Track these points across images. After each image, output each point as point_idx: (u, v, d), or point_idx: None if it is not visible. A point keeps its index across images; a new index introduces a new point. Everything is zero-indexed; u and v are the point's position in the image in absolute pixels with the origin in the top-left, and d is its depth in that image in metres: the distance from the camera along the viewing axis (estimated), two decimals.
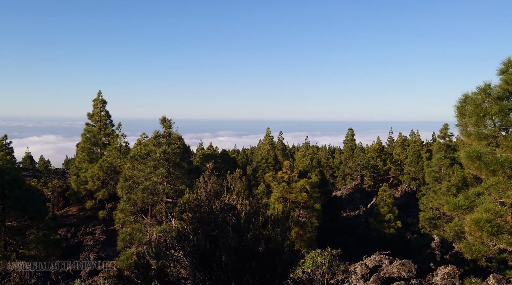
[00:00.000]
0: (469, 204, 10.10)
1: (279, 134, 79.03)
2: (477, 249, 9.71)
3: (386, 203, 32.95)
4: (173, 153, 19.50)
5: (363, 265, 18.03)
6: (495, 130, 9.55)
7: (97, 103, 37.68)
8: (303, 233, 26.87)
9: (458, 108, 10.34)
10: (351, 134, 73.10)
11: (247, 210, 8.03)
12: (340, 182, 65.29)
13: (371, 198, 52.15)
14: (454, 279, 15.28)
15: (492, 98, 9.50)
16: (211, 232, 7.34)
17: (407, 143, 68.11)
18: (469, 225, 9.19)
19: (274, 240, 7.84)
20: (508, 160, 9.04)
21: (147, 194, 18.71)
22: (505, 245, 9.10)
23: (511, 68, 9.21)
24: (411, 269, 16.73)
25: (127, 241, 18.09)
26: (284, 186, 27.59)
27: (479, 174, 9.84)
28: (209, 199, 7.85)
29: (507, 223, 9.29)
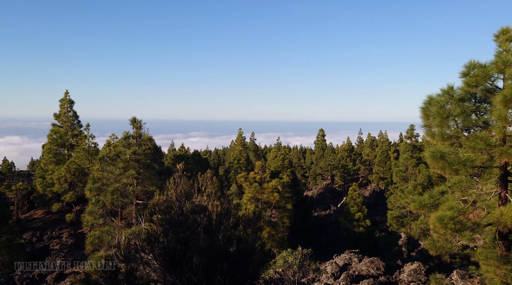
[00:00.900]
0: (434, 202, 10.42)
1: (251, 135, 79.19)
2: (441, 246, 10.04)
3: (356, 202, 33.60)
4: (143, 154, 19.19)
5: (334, 264, 18.34)
6: (458, 131, 9.91)
7: (64, 104, 36.60)
8: (275, 233, 27.02)
9: (423, 110, 10.66)
10: (322, 135, 74.10)
11: (218, 210, 8.02)
12: (311, 182, 66.07)
13: (342, 197, 53.05)
14: (420, 275, 15.76)
15: (454, 100, 9.84)
16: (182, 233, 7.28)
17: (376, 143, 69.70)
18: (433, 222, 9.48)
19: (245, 241, 7.86)
20: (469, 159, 9.39)
21: (117, 196, 18.33)
22: (467, 241, 9.45)
23: (472, 71, 9.58)
24: (379, 267, 17.14)
25: (96, 245, 17.65)
26: (256, 186, 27.67)
27: (443, 173, 10.17)
28: (179, 200, 7.79)
29: (469, 220, 9.65)
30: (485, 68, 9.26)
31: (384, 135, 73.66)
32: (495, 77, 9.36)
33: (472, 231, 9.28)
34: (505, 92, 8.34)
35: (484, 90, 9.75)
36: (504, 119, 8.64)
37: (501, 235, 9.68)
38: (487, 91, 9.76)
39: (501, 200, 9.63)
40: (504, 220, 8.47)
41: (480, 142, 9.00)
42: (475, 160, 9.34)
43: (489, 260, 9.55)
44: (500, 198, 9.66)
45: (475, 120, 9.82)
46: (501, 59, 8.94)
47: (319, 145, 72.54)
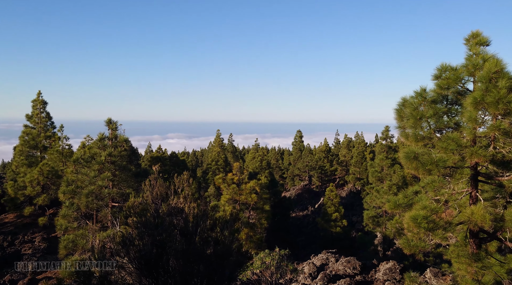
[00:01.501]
0: (408, 202, 10.63)
1: (229, 136, 79.02)
2: (415, 245, 10.25)
3: (333, 202, 33.97)
4: (119, 156, 18.89)
5: (311, 264, 18.47)
6: (431, 132, 10.14)
7: (36, 104, 35.62)
8: (253, 234, 27.02)
9: (397, 111, 10.86)
10: (299, 136, 74.61)
11: (195, 212, 7.96)
12: (289, 183, 66.42)
13: (319, 198, 53.54)
14: (395, 273, 16.05)
15: (427, 102, 10.07)
16: (158, 236, 7.19)
17: (352, 144, 70.68)
18: (407, 222, 9.66)
19: (222, 242, 7.83)
20: (442, 159, 9.62)
21: (92, 199, 17.96)
22: (440, 240, 9.68)
23: (444, 74, 9.82)
24: (355, 266, 17.35)
25: (70, 248, 17.25)
26: (234, 187, 27.61)
27: (416, 173, 10.38)
28: (155, 202, 7.69)
29: (441, 219, 9.87)
30: (456, 71, 9.51)
31: (360, 136, 74.80)
32: (466, 79, 9.63)
33: (445, 230, 9.50)
34: (475, 95, 8.59)
35: (455, 93, 10.02)
36: (474, 121, 8.90)
37: (472, 233, 9.95)
38: (458, 94, 10.03)
39: (472, 199, 9.90)
40: (475, 219, 8.71)
41: (451, 143, 9.23)
42: (447, 160, 9.58)
43: (460, 258, 9.80)
44: (471, 197, 9.93)
45: (447, 122, 10.08)
46: (471, 63, 9.20)
47: (296, 146, 73.02)
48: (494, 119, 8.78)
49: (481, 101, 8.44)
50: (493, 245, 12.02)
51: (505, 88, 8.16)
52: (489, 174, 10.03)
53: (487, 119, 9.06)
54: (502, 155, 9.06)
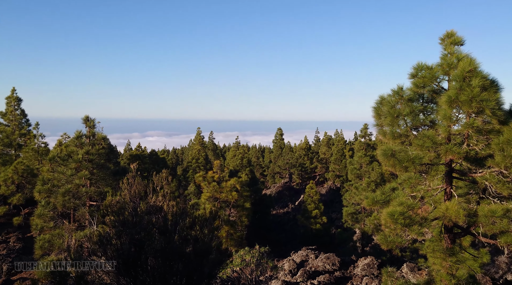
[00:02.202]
0: (385, 199, 10.81)
1: (210, 134, 78.70)
2: (392, 240, 10.44)
3: (313, 199, 34.26)
4: (97, 154, 18.58)
5: (291, 261, 18.60)
6: (407, 130, 10.32)
7: (10, 101, 34.71)
8: (234, 232, 27.01)
9: (375, 109, 11.00)
10: (280, 134, 74.89)
11: (174, 211, 7.90)
12: (270, 181, 66.64)
13: (299, 195, 53.92)
14: (373, 269, 16.31)
15: (404, 100, 10.25)
16: (136, 235, 7.12)
17: (332, 142, 71.38)
18: (385, 218, 9.82)
19: (201, 241, 7.80)
20: (418, 157, 9.81)
21: (69, 198, 17.62)
22: (416, 235, 9.88)
23: (420, 73, 10.00)
24: (335, 262, 17.56)
25: (46, 249, 16.89)
26: (215, 185, 27.53)
27: (393, 170, 10.56)
28: (134, 201, 7.60)
29: (417, 215, 10.08)
30: (432, 70, 9.70)
31: (340, 134, 75.62)
32: (441, 78, 9.83)
33: (420, 225, 9.69)
34: (449, 93, 8.78)
35: (431, 91, 10.22)
36: (449, 119, 9.10)
37: (447, 228, 10.20)
38: (433, 92, 10.24)
39: (447, 195, 10.14)
40: (449, 214, 8.92)
41: (427, 140, 9.41)
42: (423, 158, 9.77)
43: (435, 252, 10.02)
44: (446, 193, 10.16)
45: (423, 120, 10.27)
46: (446, 62, 9.40)
47: (277, 144, 73.30)
48: (468, 117, 9.01)
49: (455, 100, 8.64)
50: (467, 240, 12.36)
51: (478, 87, 8.37)
52: (463, 170, 10.28)
53: (461, 117, 9.28)
54: (475, 152, 9.31)
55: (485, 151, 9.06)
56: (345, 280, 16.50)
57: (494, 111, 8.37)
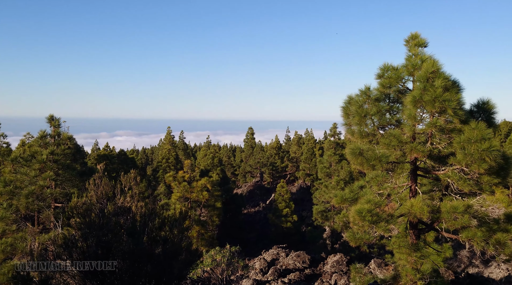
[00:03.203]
0: (354, 197, 11.02)
1: (180, 133, 77.81)
2: (360, 237, 10.66)
3: (284, 198, 34.52)
4: (62, 154, 18.02)
5: (262, 260, 18.68)
6: (375, 129, 10.57)
7: None
8: (205, 232, 26.87)
9: (343, 109, 11.20)
10: (251, 133, 74.99)
11: (143, 212, 7.78)
12: (241, 180, 66.65)
13: (270, 194, 54.20)
14: (342, 265, 16.61)
15: (371, 100, 10.48)
16: (103, 237, 6.96)
17: (302, 141, 72.11)
18: (353, 215, 10.01)
19: (171, 241, 7.72)
20: (385, 155, 10.06)
21: (32, 200, 16.99)
22: (383, 232, 10.13)
23: (386, 73, 10.26)
24: (305, 260, 17.77)
25: (8, 252, 16.21)
26: (185, 185, 27.30)
27: (361, 168, 10.79)
28: (101, 202, 7.43)
29: (384, 212, 10.33)
30: (397, 71, 9.97)
31: (310, 133, 76.49)
32: (406, 79, 10.12)
33: (387, 222, 9.93)
34: (414, 93, 9.05)
35: (397, 91, 10.50)
36: (414, 118, 9.38)
37: (412, 224, 10.51)
38: (399, 92, 10.52)
39: (412, 192, 10.45)
40: (414, 211, 9.19)
41: (393, 139, 9.66)
42: (389, 156, 10.03)
43: (401, 248, 10.31)
44: (411, 191, 10.47)
45: (389, 119, 10.54)
46: (411, 63, 9.69)
47: (248, 143, 73.37)
48: (431, 117, 9.31)
49: (420, 100, 8.91)
50: (431, 235, 12.79)
51: (441, 88, 8.67)
52: (427, 168, 10.62)
53: (425, 117, 9.58)
54: (438, 150, 9.64)
55: (447, 149, 9.40)
56: (315, 277, 16.73)
57: (456, 111, 8.69)
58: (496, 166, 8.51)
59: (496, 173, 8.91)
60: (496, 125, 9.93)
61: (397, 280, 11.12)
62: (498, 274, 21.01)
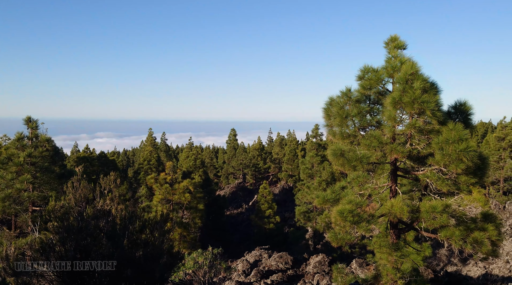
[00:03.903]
0: (335, 197, 11.11)
1: (162, 135, 77.12)
2: (342, 238, 10.74)
3: (266, 199, 34.56)
4: (40, 156, 17.64)
5: (245, 261, 18.64)
6: (356, 130, 10.68)
7: None
8: (187, 234, 26.68)
9: (325, 110, 11.28)
10: (233, 135, 74.91)
11: (123, 214, 7.66)
12: (224, 181, 66.46)
13: (253, 195, 54.20)
14: (324, 266, 16.72)
15: (352, 101, 10.60)
16: (82, 240, 6.83)
17: (285, 142, 72.41)
18: (335, 216, 10.09)
19: (152, 244, 7.62)
20: (365, 156, 10.18)
21: (9, 203, 16.58)
22: (364, 232, 10.23)
23: (366, 75, 10.38)
24: (287, 261, 17.81)
25: None
26: (167, 187, 27.05)
27: (343, 169, 10.88)
28: (79, 205, 7.28)
29: (365, 213, 10.45)
30: (377, 73, 10.10)
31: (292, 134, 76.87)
32: (386, 81, 10.26)
33: (368, 222, 10.04)
34: (393, 95, 9.18)
35: (377, 93, 10.63)
36: (393, 119, 9.52)
37: (392, 224, 10.66)
38: (379, 94, 10.66)
39: (392, 192, 10.59)
40: (394, 211, 9.32)
41: (374, 140, 9.78)
42: (370, 157, 10.15)
43: (382, 248, 10.44)
44: (391, 191, 10.62)
45: (370, 120, 10.67)
46: (390, 65, 9.83)
47: (231, 144, 73.27)
48: (411, 118, 9.46)
49: (399, 101, 9.05)
50: (411, 235, 12.98)
51: (420, 89, 8.82)
52: (407, 168, 10.79)
53: (405, 118, 9.73)
54: (417, 151, 9.80)
55: (426, 150, 9.56)
56: (298, 278, 16.80)
57: (434, 112, 8.85)
58: (473, 166, 8.70)
59: (473, 173, 9.11)
60: (473, 126, 10.17)
61: (378, 279, 11.25)
62: (476, 272, 21.50)
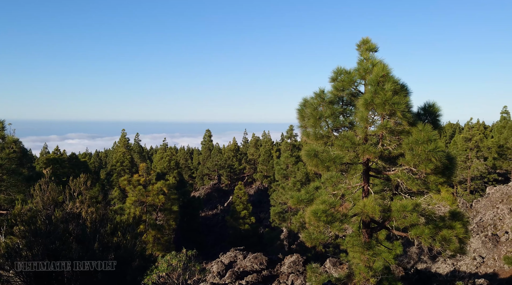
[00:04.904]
0: (309, 197, 11.19)
1: (135, 136, 75.88)
2: (316, 237, 10.84)
3: (241, 200, 34.53)
4: (7, 158, 17.07)
5: (219, 262, 18.55)
6: (329, 131, 10.80)
7: None
8: (161, 236, 26.33)
9: (299, 111, 11.35)
10: (208, 136, 74.52)
11: (94, 217, 7.48)
12: (199, 183, 65.99)
13: (228, 196, 54.05)
14: (298, 266, 16.83)
15: (325, 102, 10.71)
16: (50, 245, 6.62)
17: (260, 143, 72.58)
18: (309, 216, 10.17)
19: (124, 247, 7.47)
20: (339, 156, 10.30)
21: None
22: (338, 231, 10.35)
23: (339, 77, 10.51)
24: (262, 262, 17.84)
25: None
26: (141, 189, 26.63)
27: (317, 169, 10.98)
28: (47, 208, 7.06)
29: (339, 212, 10.58)
30: (350, 75, 10.25)
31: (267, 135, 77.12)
32: (358, 82, 10.42)
33: (341, 222, 10.17)
34: (365, 96, 9.34)
35: (350, 94, 10.79)
36: (365, 121, 9.68)
37: (365, 223, 10.83)
38: (352, 95, 10.82)
39: (364, 192, 10.76)
40: (367, 210, 9.48)
41: (347, 141, 9.92)
42: (343, 157, 10.28)
43: (355, 247, 10.59)
44: (364, 191, 10.79)
45: (343, 121, 10.81)
46: (362, 67, 10.00)
47: (206, 145, 72.86)
48: (382, 119, 9.65)
49: (371, 103, 9.21)
50: (383, 234, 13.24)
51: (391, 91, 9.01)
52: (379, 169, 10.99)
53: (377, 119, 9.92)
54: (389, 151, 10.00)
55: (397, 150, 9.77)
56: (272, 278, 16.84)
57: (404, 113, 9.06)
58: (442, 165, 8.95)
59: (441, 172, 9.36)
60: (441, 127, 10.46)
61: (351, 278, 11.41)
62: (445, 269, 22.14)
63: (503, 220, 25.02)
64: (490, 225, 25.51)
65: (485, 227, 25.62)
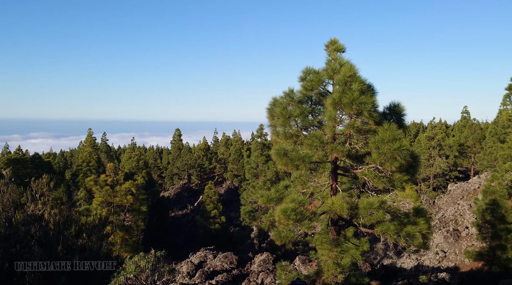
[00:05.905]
0: (279, 196, 11.27)
1: (103, 135, 74.03)
2: (286, 236, 10.94)
3: (212, 200, 34.37)
4: None
5: (189, 263, 18.40)
6: (298, 130, 10.90)
7: None
8: (129, 237, 25.82)
9: (269, 110, 11.40)
10: (178, 135, 73.67)
11: (58, 219, 7.24)
12: (168, 182, 65.16)
13: (198, 196, 53.67)
14: (268, 264, 16.92)
15: (295, 102, 10.81)
16: (11, 248, 6.35)
17: (230, 142, 72.42)
18: (278, 214, 10.24)
19: (89, 249, 7.27)
20: (308, 155, 10.43)
21: None
22: (307, 229, 10.47)
23: (308, 77, 10.64)
24: (232, 261, 17.82)
25: None
26: (108, 189, 26.00)
27: (286, 168, 11.07)
28: (7, 210, 6.78)
29: (308, 211, 10.70)
30: (319, 74, 10.38)
31: (237, 134, 77.04)
32: (326, 82, 10.58)
33: (310, 220, 10.29)
34: (334, 96, 9.49)
35: (318, 94, 10.93)
36: (334, 120, 9.84)
37: (333, 221, 11.01)
38: (320, 95, 10.97)
39: (333, 190, 10.94)
40: (335, 208, 9.64)
41: (316, 140, 10.05)
42: (312, 156, 10.41)
43: (323, 244, 10.75)
44: (332, 189, 10.97)
45: (312, 121, 10.94)
46: (330, 67, 10.16)
47: (175, 145, 71.98)
48: (350, 119, 9.84)
49: (339, 102, 9.37)
50: (350, 231, 13.50)
51: (358, 91, 9.20)
52: (346, 167, 11.20)
53: (344, 118, 10.10)
54: (356, 150, 10.21)
55: (364, 149, 9.98)
56: (243, 277, 16.85)
57: (371, 113, 9.27)
58: (406, 164, 9.21)
59: (406, 170, 9.64)
60: (406, 126, 10.78)
61: (319, 275, 11.57)
62: (409, 263, 22.83)
63: (464, 216, 26.07)
64: (451, 220, 26.52)
65: (447, 222, 26.61)
